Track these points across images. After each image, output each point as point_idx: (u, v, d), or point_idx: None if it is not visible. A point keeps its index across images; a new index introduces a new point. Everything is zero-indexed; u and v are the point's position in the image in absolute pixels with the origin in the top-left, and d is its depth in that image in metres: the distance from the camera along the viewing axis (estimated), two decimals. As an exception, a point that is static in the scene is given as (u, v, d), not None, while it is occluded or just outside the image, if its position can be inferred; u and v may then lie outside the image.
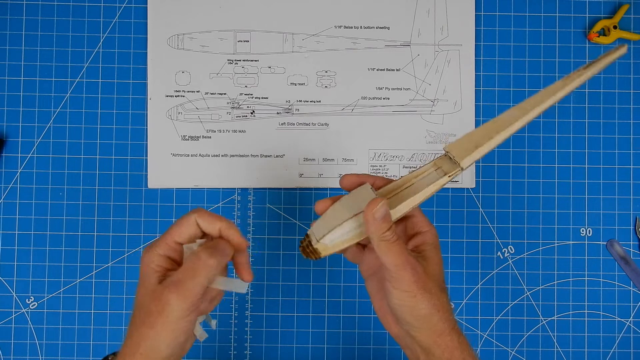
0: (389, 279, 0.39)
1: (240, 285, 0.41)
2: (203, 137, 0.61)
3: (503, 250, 0.61)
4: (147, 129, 0.61)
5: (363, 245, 0.45)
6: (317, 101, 0.61)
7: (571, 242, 0.61)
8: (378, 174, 0.61)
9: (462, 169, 0.40)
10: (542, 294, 0.61)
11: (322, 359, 0.61)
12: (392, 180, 0.43)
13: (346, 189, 0.43)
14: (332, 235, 0.40)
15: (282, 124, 0.61)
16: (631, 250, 0.61)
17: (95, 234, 0.60)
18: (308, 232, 0.42)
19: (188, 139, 0.61)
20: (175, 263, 0.40)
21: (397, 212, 0.40)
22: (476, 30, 0.62)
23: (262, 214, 0.61)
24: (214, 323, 0.43)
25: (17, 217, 0.60)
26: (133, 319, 0.40)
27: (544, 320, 0.61)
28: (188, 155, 0.61)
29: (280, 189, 0.61)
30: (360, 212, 0.39)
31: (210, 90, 0.61)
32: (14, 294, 0.60)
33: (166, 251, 0.40)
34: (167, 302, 0.37)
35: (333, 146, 0.61)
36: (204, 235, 0.41)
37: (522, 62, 0.62)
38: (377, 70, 0.62)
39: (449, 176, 0.40)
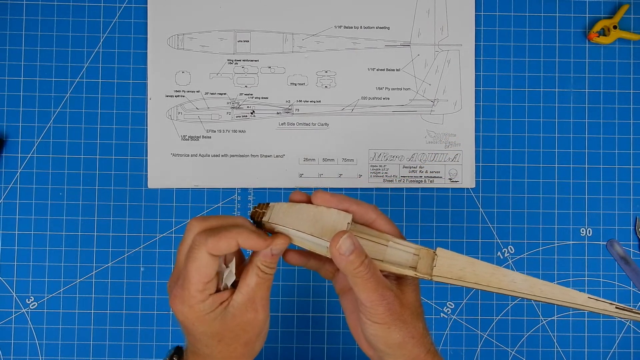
0: (363, 311, 0.39)
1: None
2: (203, 137, 0.61)
3: (503, 250, 0.61)
4: (147, 129, 0.61)
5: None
6: (317, 101, 0.61)
7: (571, 242, 0.61)
8: (378, 174, 0.61)
9: (430, 278, 0.38)
10: (542, 294, 0.61)
11: (322, 359, 0.61)
12: (370, 227, 0.41)
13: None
14: (287, 230, 0.39)
15: (282, 124, 0.61)
16: (631, 250, 0.61)
17: (95, 234, 0.61)
18: (270, 205, 0.40)
19: (188, 139, 0.61)
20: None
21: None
22: (476, 30, 0.62)
23: (262, 214, 0.61)
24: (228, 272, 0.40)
25: (17, 217, 0.60)
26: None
27: (544, 320, 0.61)
28: (188, 155, 0.61)
29: (280, 189, 0.61)
30: (322, 237, 0.38)
31: (210, 90, 0.61)
32: (14, 294, 0.60)
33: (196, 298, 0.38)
34: (176, 313, 0.38)
35: (333, 146, 0.61)
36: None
37: (522, 62, 0.62)
38: (377, 70, 0.62)
39: (415, 273, 0.39)
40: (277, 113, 0.61)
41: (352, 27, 0.62)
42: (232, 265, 0.39)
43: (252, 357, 0.41)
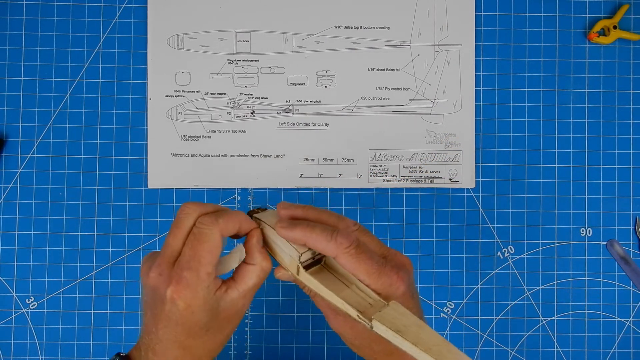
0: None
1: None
2: (203, 137, 0.61)
3: (503, 250, 0.61)
4: (147, 129, 0.61)
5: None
6: (317, 101, 0.61)
7: (571, 242, 0.61)
8: (378, 174, 0.61)
9: (370, 327, 0.36)
10: (542, 294, 0.61)
11: (322, 359, 0.61)
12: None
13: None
14: (265, 226, 0.41)
15: (282, 124, 0.61)
16: (631, 250, 0.61)
17: (95, 234, 0.61)
18: (266, 209, 0.43)
19: (188, 139, 0.61)
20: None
21: (317, 287, 0.39)
22: (476, 30, 0.62)
23: (262, 214, 0.61)
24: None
25: (17, 217, 0.60)
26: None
27: (544, 320, 0.61)
28: (188, 155, 0.61)
29: (280, 189, 0.61)
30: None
31: (210, 90, 0.61)
32: (14, 294, 0.60)
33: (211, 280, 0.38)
34: (172, 303, 0.37)
35: (333, 146, 0.61)
36: None
37: (522, 62, 0.62)
38: (377, 70, 0.62)
39: (357, 314, 0.37)
40: (277, 113, 0.61)
41: (352, 27, 0.62)
42: (242, 246, 0.40)
43: (222, 348, 0.42)
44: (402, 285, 0.38)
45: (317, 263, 0.41)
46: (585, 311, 0.61)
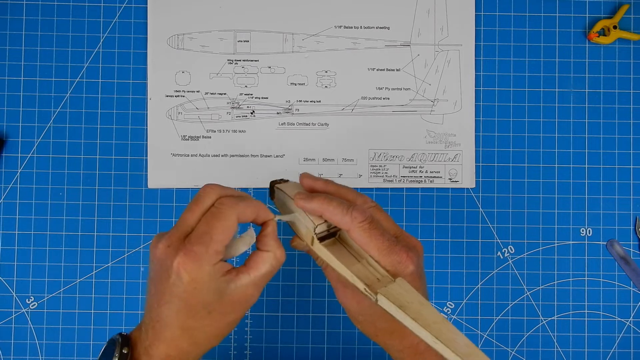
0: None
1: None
2: (203, 137, 0.61)
3: (503, 250, 0.61)
4: (147, 129, 0.61)
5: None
6: (317, 101, 0.61)
7: (571, 242, 0.61)
8: (378, 174, 0.61)
9: (375, 300, 0.37)
10: (542, 294, 0.61)
11: (322, 359, 0.61)
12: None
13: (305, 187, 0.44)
14: (286, 198, 0.43)
15: (282, 124, 0.61)
16: (631, 250, 0.61)
17: (95, 234, 0.61)
18: (288, 180, 0.45)
19: (188, 139, 0.61)
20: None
21: (329, 258, 0.41)
22: (476, 30, 0.62)
23: (262, 214, 0.61)
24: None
25: (17, 217, 0.60)
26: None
27: (544, 320, 0.61)
28: (188, 155, 0.61)
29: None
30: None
31: (210, 90, 0.61)
32: (14, 294, 0.60)
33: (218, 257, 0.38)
34: (178, 275, 0.37)
35: (333, 146, 0.61)
36: None
37: (522, 62, 0.62)
38: (377, 70, 0.62)
39: (365, 288, 0.38)
40: (277, 113, 0.61)
41: (352, 27, 0.62)
42: (252, 231, 0.41)
43: (222, 338, 0.42)
44: (410, 265, 0.40)
45: (331, 236, 0.42)
46: (585, 311, 0.61)
